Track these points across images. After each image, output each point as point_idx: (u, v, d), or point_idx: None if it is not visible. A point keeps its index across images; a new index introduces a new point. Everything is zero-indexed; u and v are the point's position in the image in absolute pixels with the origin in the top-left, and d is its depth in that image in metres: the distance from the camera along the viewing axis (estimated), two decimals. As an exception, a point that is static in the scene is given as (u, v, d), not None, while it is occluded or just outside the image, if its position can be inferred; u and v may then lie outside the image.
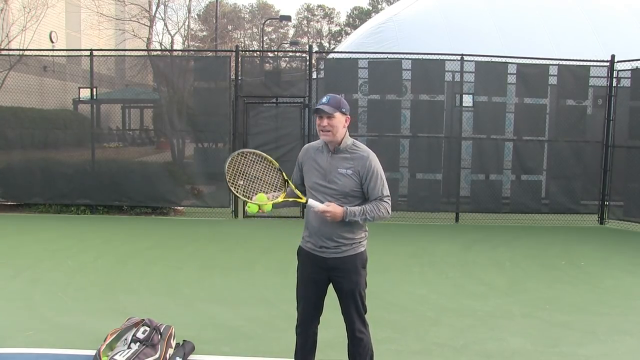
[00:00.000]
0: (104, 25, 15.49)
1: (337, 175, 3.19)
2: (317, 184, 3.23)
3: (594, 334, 4.62)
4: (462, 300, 5.47)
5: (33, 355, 4.01)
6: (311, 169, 3.28)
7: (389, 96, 9.64)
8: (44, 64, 10.18)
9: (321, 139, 3.25)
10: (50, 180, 9.63)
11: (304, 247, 3.36)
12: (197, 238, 8.19)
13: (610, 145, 9.50)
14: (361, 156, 3.22)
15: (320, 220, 3.20)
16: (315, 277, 3.29)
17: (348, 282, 3.25)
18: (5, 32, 12.48)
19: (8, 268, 6.26)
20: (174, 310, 4.96)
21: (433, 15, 12.13)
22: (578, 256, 7.38)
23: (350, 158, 3.21)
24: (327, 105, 3.16)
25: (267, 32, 54.21)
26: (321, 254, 3.25)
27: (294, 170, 3.45)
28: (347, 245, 3.23)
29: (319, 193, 3.21)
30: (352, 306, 3.26)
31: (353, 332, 3.30)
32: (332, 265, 3.23)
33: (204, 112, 9.85)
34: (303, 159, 3.37)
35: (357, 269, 3.26)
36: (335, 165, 3.21)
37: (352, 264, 3.25)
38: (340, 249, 3.22)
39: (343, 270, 3.24)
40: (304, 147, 3.46)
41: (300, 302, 3.36)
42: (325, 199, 3.18)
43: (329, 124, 3.16)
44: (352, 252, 3.25)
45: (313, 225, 3.26)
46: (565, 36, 11.35)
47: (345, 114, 3.20)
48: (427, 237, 8.32)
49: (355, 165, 3.19)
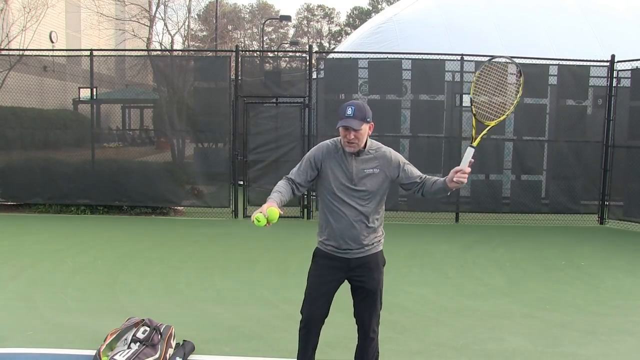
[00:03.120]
0: (104, 25, 15.46)
1: (365, 176, 3.17)
2: (344, 185, 3.18)
3: (594, 334, 4.62)
4: (462, 300, 5.47)
5: (33, 355, 4.01)
6: (336, 170, 3.19)
7: (389, 96, 9.64)
8: (44, 64, 10.17)
9: (346, 149, 3.16)
10: (50, 180, 9.64)
11: (323, 249, 3.30)
12: (197, 238, 8.19)
13: (610, 145, 9.50)
14: (383, 153, 3.23)
15: (345, 222, 3.17)
16: (333, 278, 3.27)
17: (371, 281, 3.26)
18: (5, 32, 12.46)
19: (8, 268, 6.25)
20: (174, 310, 4.96)
21: (433, 15, 12.13)
22: (578, 256, 7.38)
23: (374, 157, 3.20)
24: (354, 120, 3.04)
25: (267, 32, 54.23)
26: (344, 255, 3.23)
27: (301, 167, 3.28)
28: (369, 244, 3.25)
29: (346, 195, 3.17)
30: (371, 306, 3.28)
31: (367, 333, 3.30)
32: (355, 265, 3.23)
33: (204, 112, 9.85)
34: (323, 158, 3.22)
35: (379, 267, 3.30)
36: (361, 168, 3.18)
37: (374, 262, 3.28)
38: (364, 249, 3.23)
39: (366, 269, 3.25)
40: (321, 146, 3.29)
41: (309, 303, 3.29)
42: (353, 201, 3.16)
43: (355, 137, 3.09)
44: (374, 251, 3.28)
45: (335, 227, 3.21)
46: (565, 36, 11.35)
47: (369, 122, 3.13)
48: (427, 237, 8.32)
49: (381, 164, 3.20)
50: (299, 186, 3.27)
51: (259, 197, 10.09)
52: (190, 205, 9.94)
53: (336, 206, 3.20)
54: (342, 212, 3.18)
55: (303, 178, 3.27)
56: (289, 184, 3.26)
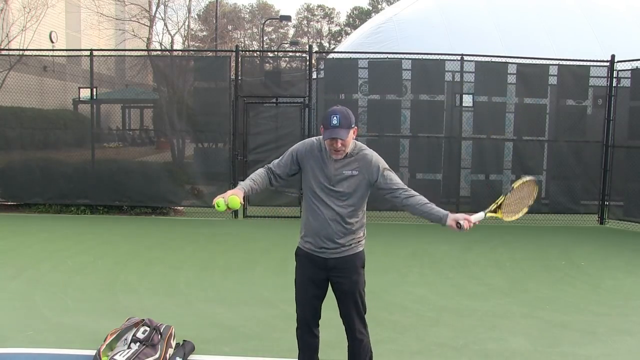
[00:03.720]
0: (104, 25, 15.46)
1: (343, 178, 3.17)
2: (323, 185, 3.19)
3: (594, 334, 4.62)
4: (462, 300, 5.47)
5: (33, 355, 4.01)
6: (316, 170, 3.22)
7: (389, 96, 9.64)
8: (44, 64, 10.17)
9: (333, 157, 3.17)
10: (50, 180, 9.63)
11: (302, 248, 3.34)
12: (197, 238, 8.19)
13: (610, 145, 9.50)
14: (364, 155, 3.21)
15: (321, 221, 3.20)
16: (315, 278, 3.28)
17: (348, 282, 3.24)
18: (5, 32, 12.46)
19: (8, 268, 6.25)
20: (174, 310, 4.96)
21: (433, 15, 12.13)
22: (578, 256, 7.38)
23: (354, 159, 3.20)
24: (341, 129, 3.05)
25: (267, 32, 54.20)
26: (321, 255, 3.24)
27: (283, 159, 3.32)
28: (347, 245, 3.23)
29: (324, 194, 3.19)
30: (352, 307, 3.26)
31: (353, 333, 3.29)
32: (332, 265, 3.23)
33: (204, 112, 9.85)
34: (305, 156, 3.26)
35: (356, 269, 3.26)
36: (340, 170, 3.18)
37: (351, 264, 3.25)
38: (340, 249, 3.22)
39: (343, 270, 3.23)
40: (305, 143, 3.34)
41: (299, 304, 3.35)
42: (330, 201, 3.18)
43: (342, 145, 3.11)
44: (351, 252, 3.25)
45: (313, 225, 3.24)
46: (565, 36, 11.35)
47: (354, 127, 3.14)
48: (427, 238, 8.32)
49: (360, 166, 3.18)
50: (277, 177, 3.31)
51: (259, 197, 10.08)
52: (190, 205, 9.94)
53: (315, 204, 3.22)
54: (320, 210, 3.20)
55: (283, 170, 3.31)
56: (267, 173, 3.32)
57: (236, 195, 3.04)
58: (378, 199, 3.73)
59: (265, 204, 9.85)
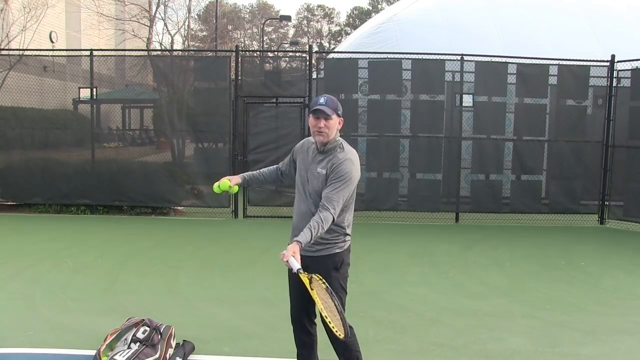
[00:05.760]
0: (104, 25, 15.46)
1: (313, 177, 3.19)
2: (304, 179, 3.26)
3: (594, 334, 4.62)
4: (462, 300, 5.47)
5: (33, 355, 4.01)
6: (301, 164, 3.30)
7: (389, 96, 9.63)
8: (44, 64, 10.17)
9: (315, 139, 3.21)
10: (50, 180, 9.63)
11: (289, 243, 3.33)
12: (197, 238, 8.19)
13: (610, 145, 9.49)
14: (336, 155, 3.16)
15: (299, 216, 3.24)
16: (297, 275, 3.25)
17: None
18: (5, 32, 12.46)
19: (8, 268, 6.25)
20: (174, 310, 4.96)
21: (433, 15, 12.13)
22: (578, 256, 7.38)
23: (328, 159, 3.16)
24: (326, 107, 3.12)
25: (267, 32, 54.20)
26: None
27: (286, 157, 3.53)
28: (320, 244, 3.18)
29: (303, 190, 3.26)
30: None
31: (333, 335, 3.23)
32: (305, 263, 3.09)
33: (204, 112, 9.85)
34: (297, 152, 3.40)
35: (328, 270, 3.16)
36: (314, 168, 3.20)
37: (322, 265, 3.18)
38: (313, 247, 3.16)
39: (314, 270, 3.09)
40: (302, 141, 3.43)
41: (291, 302, 3.41)
42: (305, 197, 3.24)
43: (325, 125, 3.12)
44: (324, 253, 3.20)
45: (294, 220, 3.31)
46: (565, 36, 11.35)
47: (340, 116, 3.20)
48: (427, 237, 8.32)
49: (328, 166, 3.14)
50: (282, 173, 3.54)
51: (259, 197, 10.10)
52: (190, 205, 9.94)
53: (297, 199, 3.31)
54: (299, 204, 3.29)
55: (286, 167, 3.54)
56: (276, 169, 3.59)
57: (226, 180, 3.40)
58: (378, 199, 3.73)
59: (265, 204, 9.86)
